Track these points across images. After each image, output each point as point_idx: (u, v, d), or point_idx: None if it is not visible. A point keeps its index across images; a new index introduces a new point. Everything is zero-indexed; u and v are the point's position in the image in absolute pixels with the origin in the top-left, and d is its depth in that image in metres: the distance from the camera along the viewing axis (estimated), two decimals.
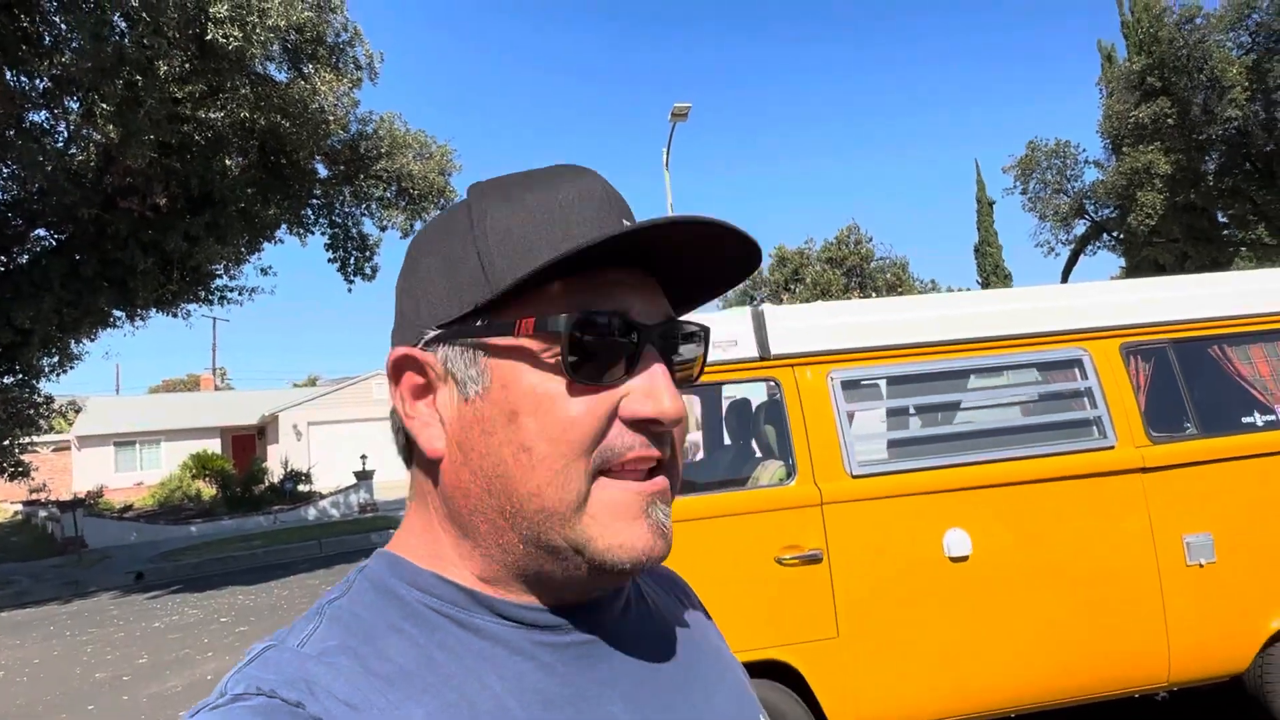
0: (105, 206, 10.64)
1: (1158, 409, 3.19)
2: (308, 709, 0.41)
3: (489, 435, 0.50)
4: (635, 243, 0.48)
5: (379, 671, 0.45)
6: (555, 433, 0.48)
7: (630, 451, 0.49)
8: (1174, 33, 18.16)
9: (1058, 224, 23.68)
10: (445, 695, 0.46)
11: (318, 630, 0.48)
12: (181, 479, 21.73)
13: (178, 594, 10.39)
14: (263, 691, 0.42)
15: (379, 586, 0.51)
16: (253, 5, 8.98)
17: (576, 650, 0.52)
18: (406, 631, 0.48)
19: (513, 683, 0.48)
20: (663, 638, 0.59)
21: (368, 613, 0.49)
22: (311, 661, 0.44)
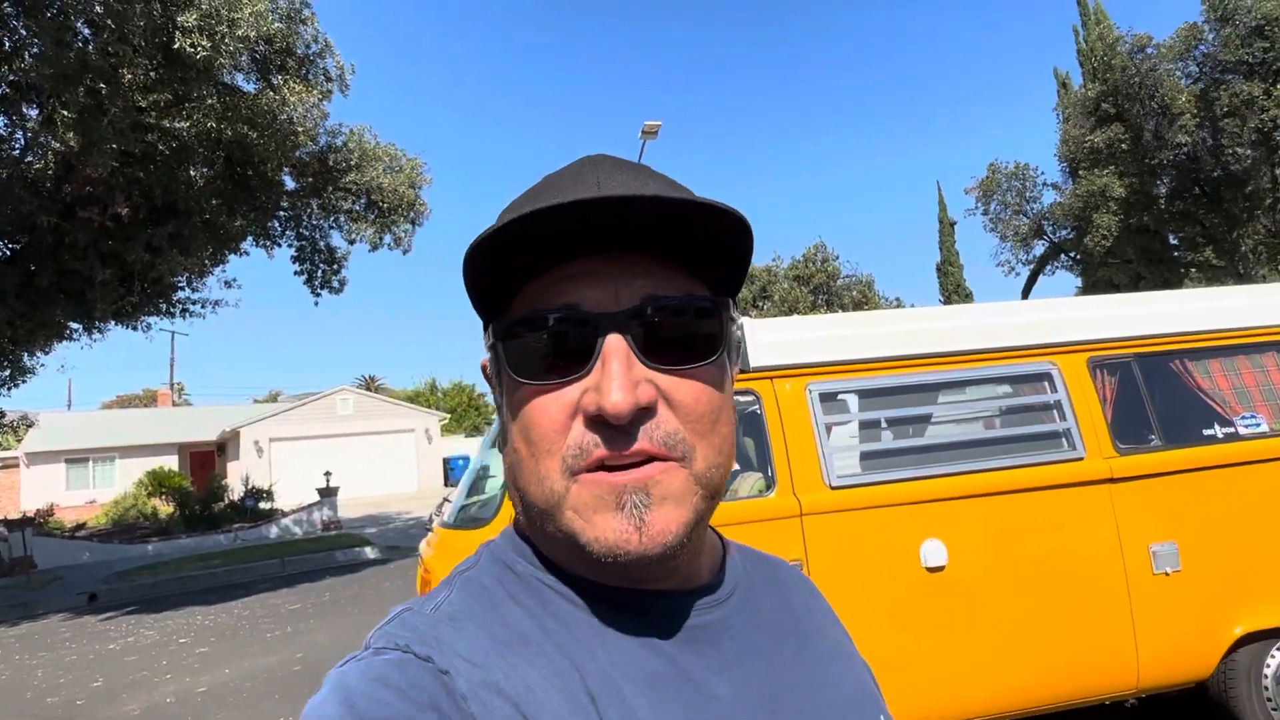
0: (64, 216, 10.37)
1: (1124, 421, 3.28)
2: (436, 663, 0.47)
3: (505, 434, 0.55)
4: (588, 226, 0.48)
5: (499, 636, 0.50)
6: (524, 434, 0.52)
7: (596, 449, 0.48)
8: (1126, 61, 18.85)
9: (1017, 244, 24.32)
10: (558, 662, 0.49)
11: (449, 597, 0.53)
12: (137, 496, 21.07)
13: (133, 615, 10.05)
14: (398, 646, 0.48)
15: (499, 560, 0.57)
16: (222, 15, 8.88)
17: (686, 634, 0.53)
18: (523, 602, 0.53)
19: (619, 657, 0.50)
20: (774, 627, 0.60)
21: (491, 583, 0.54)
22: (441, 623, 0.50)
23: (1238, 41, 16.87)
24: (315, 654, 6.99)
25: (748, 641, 0.56)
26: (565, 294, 0.51)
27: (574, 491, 0.49)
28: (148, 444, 28.86)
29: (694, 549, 0.55)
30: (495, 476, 3.67)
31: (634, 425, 0.48)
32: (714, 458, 0.52)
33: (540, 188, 0.55)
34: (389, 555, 13.57)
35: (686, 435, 0.50)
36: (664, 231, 0.50)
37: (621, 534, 0.48)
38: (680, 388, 0.50)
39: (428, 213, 13.52)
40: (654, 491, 0.49)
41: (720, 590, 0.58)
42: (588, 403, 0.49)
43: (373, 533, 16.63)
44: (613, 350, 0.49)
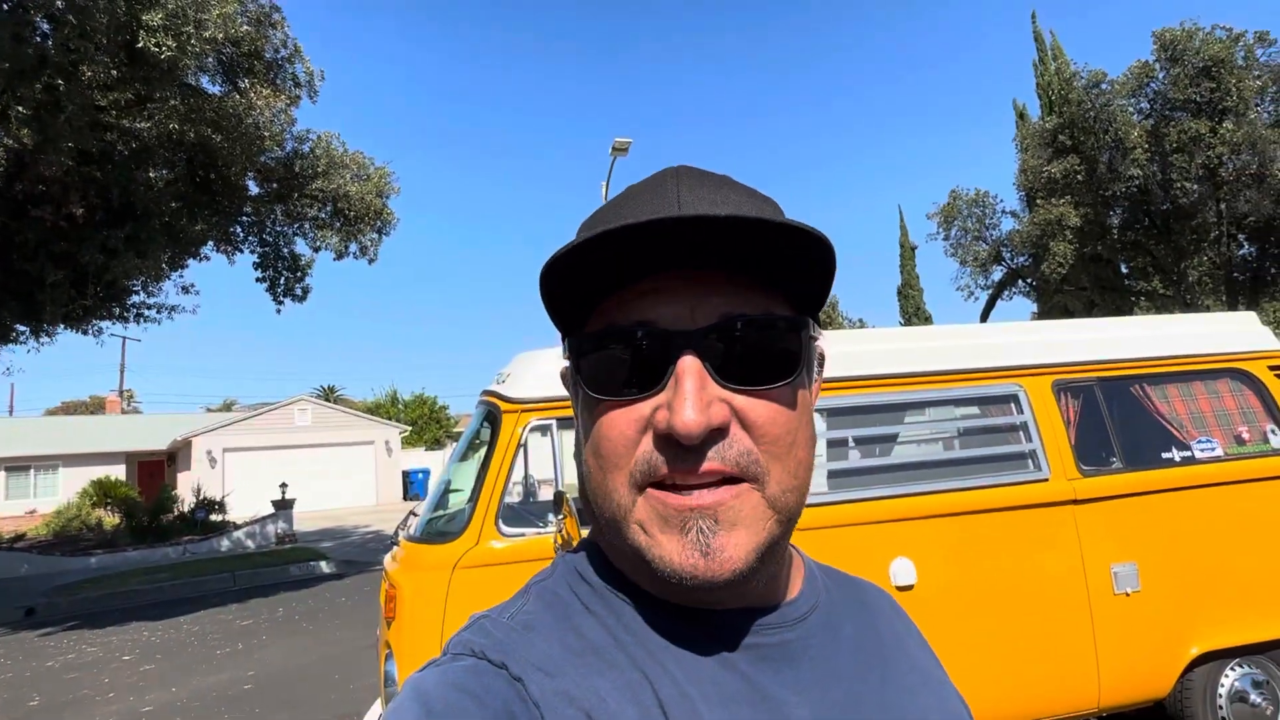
0: (14, 214, 10.02)
1: (1087, 443, 3.35)
2: (510, 670, 0.48)
3: (580, 449, 0.56)
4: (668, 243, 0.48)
5: (572, 646, 0.51)
6: (595, 448, 0.52)
7: (663, 466, 0.48)
8: (1082, 95, 19.52)
9: (977, 269, 24.90)
10: (629, 674, 0.49)
11: (525, 606, 0.54)
12: (80, 507, 20.30)
13: (74, 630, 9.64)
14: (474, 653, 0.50)
15: (574, 570, 0.58)
16: (189, 16, 8.70)
17: (760, 651, 0.53)
18: (597, 612, 0.53)
19: (692, 672, 0.50)
20: (857, 651, 0.58)
21: (565, 593, 0.56)
22: (516, 631, 0.51)
23: (1186, 81, 17.61)
24: (267, 671, 6.77)
25: (828, 663, 0.55)
26: (642, 310, 0.50)
27: (640, 505, 0.49)
28: (94, 452, 27.90)
29: (768, 572, 0.53)
30: (462, 490, 3.61)
31: (705, 445, 0.47)
32: (788, 481, 0.50)
33: (621, 200, 0.54)
34: (345, 570, 13.27)
35: (760, 456, 0.49)
36: (743, 249, 0.49)
37: (686, 558, 0.47)
38: (755, 408, 0.49)
39: (395, 222, 13.37)
40: (723, 516, 0.48)
41: (798, 609, 0.57)
42: (659, 420, 0.48)
43: (329, 546, 16.25)
44: (686, 368, 0.48)
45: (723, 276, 0.51)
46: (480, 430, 3.51)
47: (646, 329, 0.50)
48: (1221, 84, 17.18)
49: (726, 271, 0.51)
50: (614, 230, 0.46)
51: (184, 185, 11.05)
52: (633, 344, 0.50)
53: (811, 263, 0.51)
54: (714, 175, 0.55)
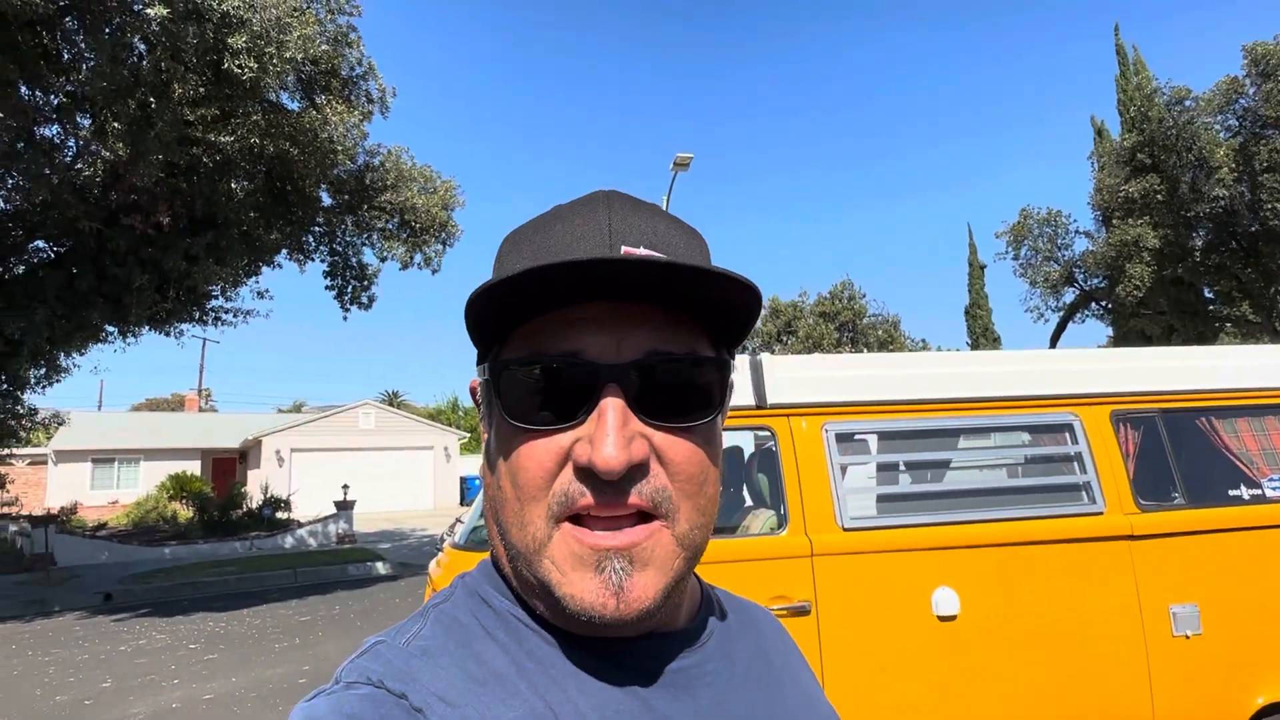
0: (107, 222, 10.70)
1: (1146, 477, 3.22)
2: (410, 700, 0.46)
3: (490, 469, 0.55)
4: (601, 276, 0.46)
5: (474, 673, 0.49)
6: (510, 475, 0.50)
7: (581, 498, 0.47)
8: (1164, 113, 18.74)
9: (1047, 291, 24.07)
10: (531, 703, 0.48)
11: (423, 630, 0.52)
12: (158, 499, 21.37)
13: (146, 617, 10.14)
14: (371, 681, 0.47)
15: (475, 593, 0.56)
16: (271, 37, 9.17)
17: (661, 678, 0.53)
18: (499, 639, 0.52)
19: (595, 699, 0.49)
20: (749, 674, 0.59)
21: (466, 617, 0.53)
22: (415, 658, 0.49)
23: (1279, 97, 16.72)
24: (321, 667, 6.99)
25: (723, 688, 0.56)
26: (567, 340, 0.49)
27: (555, 540, 0.48)
28: (172, 448, 29.32)
29: (672, 606, 0.53)
30: None
31: (624, 480, 0.47)
32: (697, 519, 0.51)
33: (549, 224, 0.54)
34: (400, 572, 13.59)
35: (674, 494, 0.49)
36: (672, 287, 0.49)
37: (598, 597, 0.47)
38: (674, 446, 0.49)
39: (459, 234, 13.74)
40: (636, 557, 0.48)
41: (697, 635, 0.58)
42: (580, 453, 0.47)
43: (386, 548, 16.67)
44: (610, 403, 0.47)
45: (649, 310, 0.50)
46: None
47: (572, 360, 0.49)
48: None
49: (653, 305, 0.50)
50: (557, 266, 0.45)
51: (262, 196, 11.60)
52: (557, 374, 0.49)
53: (738, 307, 0.51)
54: (645, 204, 0.56)
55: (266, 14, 9.12)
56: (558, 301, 0.49)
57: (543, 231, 0.53)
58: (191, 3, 8.44)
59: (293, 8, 9.69)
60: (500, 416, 0.51)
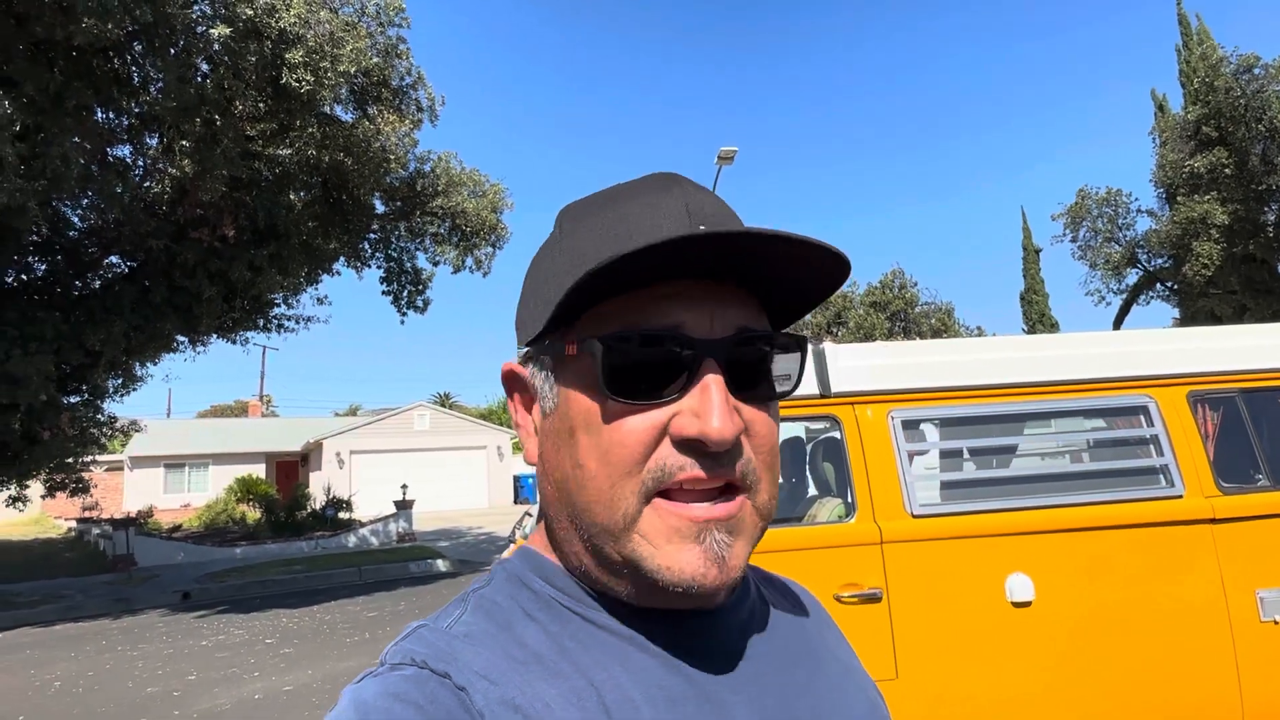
0: (176, 237, 11.18)
1: (1227, 459, 3.13)
2: (453, 679, 0.46)
3: (558, 449, 0.53)
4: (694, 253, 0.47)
5: (515, 655, 0.49)
6: (601, 451, 0.50)
7: (681, 472, 0.48)
8: (1231, 82, 17.95)
9: (1109, 273, 23.29)
10: (574, 681, 0.49)
11: (464, 615, 0.53)
12: (227, 502, 22.21)
13: (223, 614, 10.58)
14: (416, 662, 0.47)
15: (515, 578, 0.56)
16: (325, 51, 9.47)
17: (703, 653, 0.53)
18: (539, 620, 0.52)
19: (639, 676, 0.50)
20: (789, 648, 0.60)
21: (506, 601, 0.54)
22: (458, 640, 0.50)
23: None
24: None
25: (764, 662, 0.57)
26: (663, 314, 0.50)
27: (646, 516, 0.49)
28: (238, 452, 30.43)
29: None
30: None
31: (727, 453, 0.49)
32: (773, 490, 0.53)
33: (622, 202, 0.54)
34: (459, 569, 13.89)
35: (757, 467, 0.51)
36: (762, 268, 0.51)
37: (700, 567, 0.48)
38: (758, 420, 0.51)
39: (508, 236, 13.96)
40: (733, 528, 0.50)
41: (739, 611, 0.59)
42: (684, 427, 0.48)
43: (445, 546, 17.04)
44: (714, 378, 0.49)
45: (732, 288, 0.52)
46: None
47: (674, 334, 0.49)
48: None
49: (733, 283, 0.52)
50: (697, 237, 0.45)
51: (319, 206, 11.98)
52: (659, 348, 0.49)
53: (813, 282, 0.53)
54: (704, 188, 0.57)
55: (320, 29, 9.41)
56: (641, 279, 0.49)
57: (612, 208, 0.53)
58: (251, 22, 8.76)
59: (345, 22, 9.98)
60: (594, 392, 0.51)
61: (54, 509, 30.71)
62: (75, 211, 12.04)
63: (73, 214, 12.06)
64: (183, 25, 8.75)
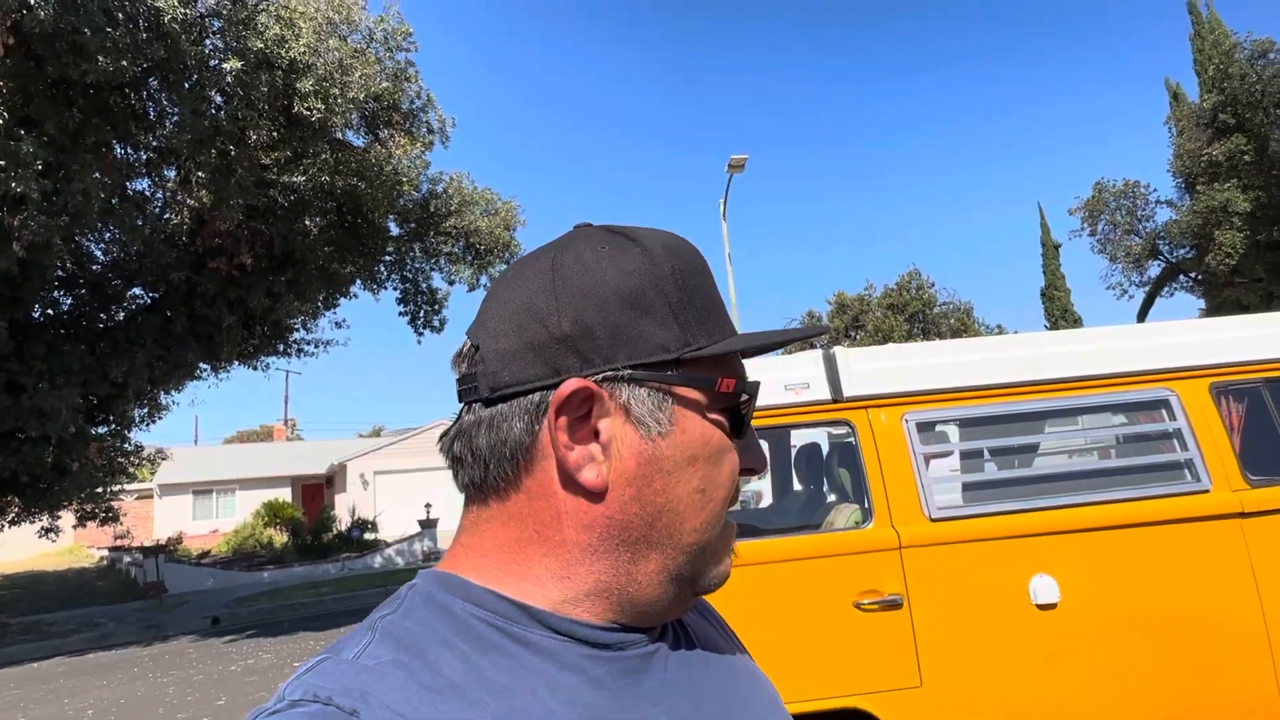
0: (196, 267, 11.36)
1: (1254, 451, 3.06)
2: (361, 716, 0.43)
3: (667, 474, 0.53)
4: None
5: (429, 684, 0.46)
6: (721, 479, 0.57)
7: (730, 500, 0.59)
8: (1247, 68, 17.70)
9: (1130, 266, 22.99)
10: (494, 709, 0.46)
11: (370, 644, 0.49)
12: (254, 527, 22.43)
13: (252, 638, 10.66)
14: (319, 699, 0.43)
15: (430, 602, 0.53)
16: (335, 79, 9.61)
17: (623, 666, 0.53)
18: (456, 646, 0.49)
19: (564, 695, 0.49)
20: (701, 656, 0.62)
21: (418, 627, 0.50)
22: (365, 672, 0.46)
23: None
24: None
25: (680, 670, 0.58)
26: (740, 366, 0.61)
27: (719, 533, 0.58)
28: (264, 477, 30.73)
29: None
30: None
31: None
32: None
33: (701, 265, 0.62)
34: None
35: None
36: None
37: (729, 568, 0.60)
38: None
39: (521, 252, 14.03)
40: None
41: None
42: (752, 461, 0.60)
43: None
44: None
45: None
46: None
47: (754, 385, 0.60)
48: None
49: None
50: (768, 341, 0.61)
51: (334, 231, 12.11)
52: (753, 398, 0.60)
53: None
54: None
55: (329, 57, 9.55)
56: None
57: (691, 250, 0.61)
58: (262, 53, 8.92)
59: (354, 49, 10.12)
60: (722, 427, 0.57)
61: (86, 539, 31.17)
62: (98, 246, 12.30)
63: (95, 248, 12.32)
64: (195, 60, 8.92)
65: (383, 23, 10.80)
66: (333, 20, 9.78)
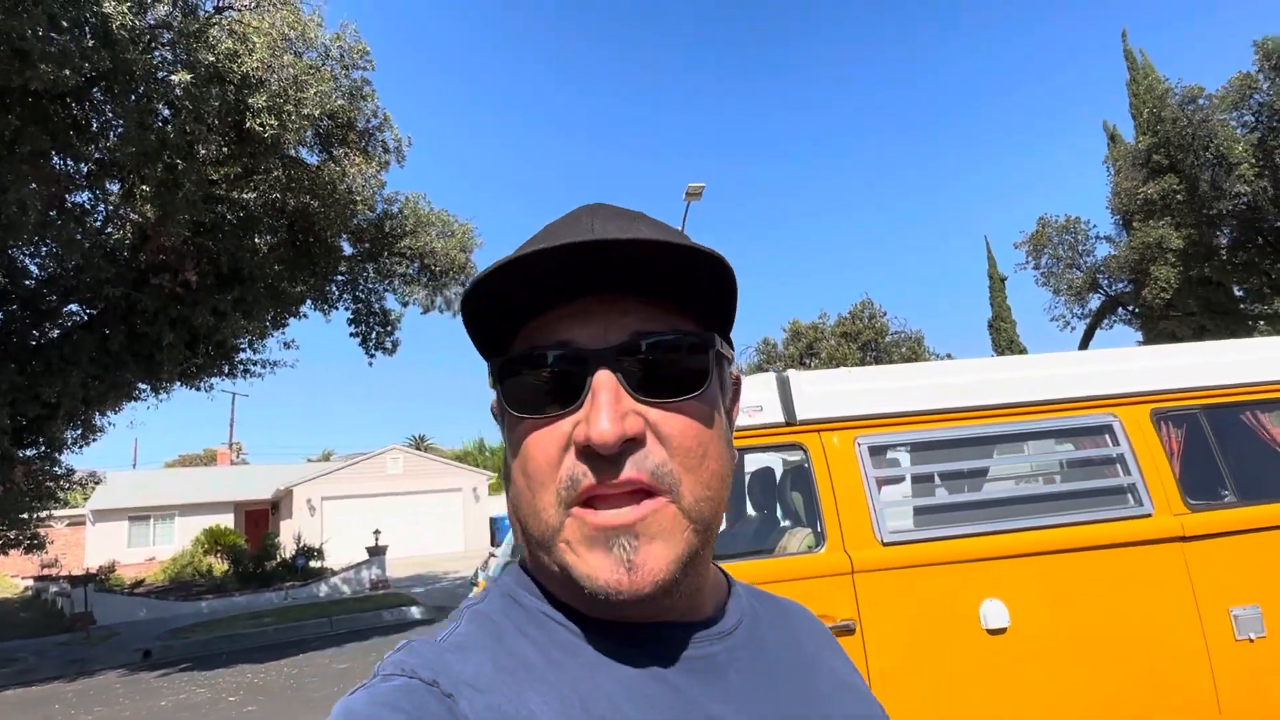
0: (137, 283, 10.96)
1: (1194, 476, 3.13)
2: (441, 687, 0.48)
3: (506, 470, 0.58)
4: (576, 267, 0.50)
5: (504, 665, 0.51)
6: (520, 466, 0.54)
7: (585, 479, 0.50)
8: (1178, 112, 18.62)
9: (1072, 298, 23.79)
10: (561, 689, 0.50)
11: (458, 629, 0.55)
12: (193, 554, 21.56)
13: (186, 672, 10.16)
14: (405, 673, 0.49)
15: (508, 595, 0.58)
16: (289, 95, 9.44)
17: (690, 664, 0.54)
18: (529, 633, 0.54)
19: (626, 687, 0.51)
20: (780, 661, 0.60)
21: (498, 615, 0.56)
22: (448, 652, 0.51)
23: None
24: None
25: (754, 674, 0.57)
26: (560, 332, 0.53)
27: (568, 525, 0.51)
28: (206, 502, 29.61)
29: (692, 584, 0.55)
30: None
31: (621, 456, 0.50)
32: (701, 491, 0.52)
33: (539, 235, 0.57)
34: (435, 615, 13.52)
35: (675, 468, 0.51)
36: (652, 273, 0.52)
37: (612, 574, 0.49)
38: (668, 421, 0.52)
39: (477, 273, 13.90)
40: (642, 531, 0.50)
41: (724, 624, 0.59)
42: (578, 434, 0.50)
43: (420, 592, 16.63)
44: (601, 384, 0.50)
45: (635, 300, 0.54)
46: None
47: (563, 348, 0.52)
48: None
49: (638, 295, 0.54)
50: (532, 254, 0.49)
51: (285, 249, 11.84)
52: (552, 364, 0.52)
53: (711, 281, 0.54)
54: (628, 210, 0.58)
55: (284, 73, 9.39)
56: (549, 300, 0.53)
57: (530, 242, 0.56)
58: (213, 67, 8.73)
59: (309, 65, 9.98)
60: (509, 412, 0.54)
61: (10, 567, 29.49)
62: (33, 260, 11.79)
63: (30, 262, 11.81)
64: (143, 71, 8.68)
65: (339, 40, 10.68)
66: (288, 36, 9.64)
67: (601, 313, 0.53)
